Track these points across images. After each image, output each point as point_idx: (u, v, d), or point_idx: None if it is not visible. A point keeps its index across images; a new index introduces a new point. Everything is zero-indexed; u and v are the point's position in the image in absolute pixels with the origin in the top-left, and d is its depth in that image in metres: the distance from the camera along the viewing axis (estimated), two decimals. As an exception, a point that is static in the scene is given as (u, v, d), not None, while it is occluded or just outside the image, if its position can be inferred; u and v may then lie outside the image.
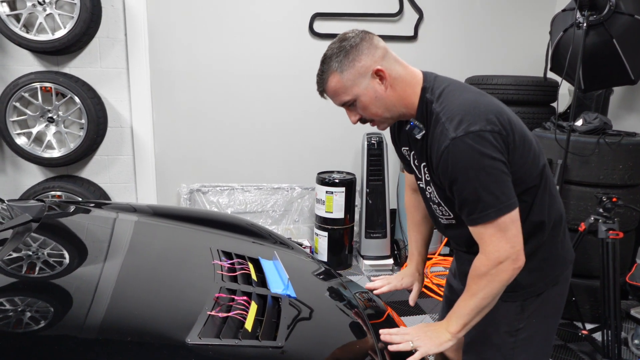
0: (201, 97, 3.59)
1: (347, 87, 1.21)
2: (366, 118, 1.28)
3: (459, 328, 1.23)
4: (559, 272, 1.36)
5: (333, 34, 3.61)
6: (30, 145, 3.16)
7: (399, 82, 1.23)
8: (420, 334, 1.24)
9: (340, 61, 1.19)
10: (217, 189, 3.72)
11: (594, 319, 2.76)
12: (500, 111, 1.18)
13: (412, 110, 1.25)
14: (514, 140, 1.18)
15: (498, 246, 1.16)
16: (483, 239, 1.18)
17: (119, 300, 1.14)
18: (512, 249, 1.17)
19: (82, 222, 1.74)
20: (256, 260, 1.48)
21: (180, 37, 3.46)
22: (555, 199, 1.35)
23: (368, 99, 1.22)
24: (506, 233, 1.16)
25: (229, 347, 1.00)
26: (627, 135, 2.66)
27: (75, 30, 2.99)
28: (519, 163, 1.20)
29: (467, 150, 1.12)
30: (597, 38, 2.56)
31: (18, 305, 1.08)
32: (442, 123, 1.16)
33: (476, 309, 1.22)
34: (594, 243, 2.52)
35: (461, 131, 1.12)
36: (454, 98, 1.19)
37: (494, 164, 1.13)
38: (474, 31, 3.90)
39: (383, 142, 3.57)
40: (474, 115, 1.14)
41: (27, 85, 3.02)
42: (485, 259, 1.18)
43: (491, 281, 1.19)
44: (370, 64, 1.19)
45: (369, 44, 1.20)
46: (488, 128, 1.13)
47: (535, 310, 1.34)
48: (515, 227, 1.17)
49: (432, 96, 1.22)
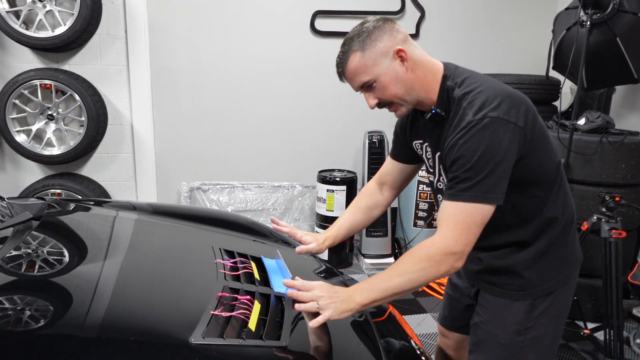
0: (202, 95, 3.57)
1: (368, 66, 1.19)
2: (385, 101, 1.25)
3: (367, 302, 1.15)
4: (570, 271, 1.36)
5: (334, 31, 3.60)
6: (30, 143, 3.15)
7: (420, 66, 1.22)
8: (326, 295, 1.15)
9: (362, 41, 1.19)
10: (217, 187, 3.71)
11: (596, 318, 2.75)
12: (522, 102, 1.17)
13: (432, 96, 1.24)
14: (533, 132, 1.17)
15: (458, 237, 1.13)
16: (448, 222, 1.15)
17: (120, 299, 1.13)
18: (465, 247, 1.14)
19: (82, 220, 1.73)
20: (258, 259, 1.47)
21: (181, 34, 3.45)
22: (569, 198, 1.34)
23: (388, 79, 1.20)
24: (471, 228, 1.14)
25: (233, 347, 0.99)
26: (630, 134, 2.65)
27: (75, 27, 2.97)
28: (537, 156, 1.20)
29: (481, 131, 1.11)
30: (601, 36, 2.54)
31: (18, 303, 1.06)
32: (463, 108, 1.16)
33: (394, 289, 1.15)
34: (596, 242, 2.50)
35: (480, 115, 1.12)
36: (477, 86, 1.18)
37: (501, 152, 1.11)
38: (475, 29, 3.88)
39: (384, 140, 3.56)
40: (496, 102, 1.13)
41: (27, 83, 3.00)
42: (439, 243, 1.14)
43: (428, 268, 1.14)
44: (391, 45, 1.19)
45: (391, 27, 1.21)
46: (506, 117, 1.12)
47: (545, 310, 1.33)
48: (480, 226, 1.15)
49: (454, 83, 1.21)
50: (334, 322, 1.30)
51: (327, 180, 3.45)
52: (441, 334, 1.73)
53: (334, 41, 3.63)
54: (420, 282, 1.16)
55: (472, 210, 1.13)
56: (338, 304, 1.14)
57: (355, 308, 1.15)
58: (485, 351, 1.39)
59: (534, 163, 1.20)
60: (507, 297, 1.34)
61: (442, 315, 1.71)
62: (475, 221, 1.14)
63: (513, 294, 1.32)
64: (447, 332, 1.69)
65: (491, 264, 1.36)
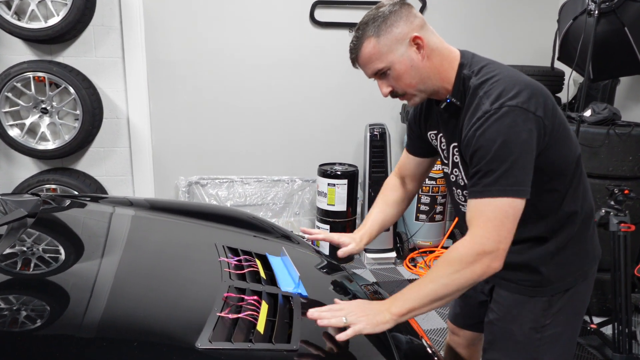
0: (199, 87, 3.50)
1: (383, 53, 1.14)
2: (398, 91, 1.20)
3: (403, 312, 1.08)
4: (588, 267, 1.31)
5: (334, 22, 3.53)
6: (24, 137, 3.08)
7: (437, 54, 1.17)
8: (357, 310, 1.09)
9: (378, 26, 1.13)
10: (216, 182, 3.65)
11: (602, 312, 2.72)
12: (541, 92, 1.12)
13: (447, 85, 1.19)
14: (553, 123, 1.12)
15: (490, 234, 1.06)
16: (477, 220, 1.08)
17: (120, 300, 1.08)
18: (499, 244, 1.06)
19: (79, 216, 1.68)
20: (263, 257, 1.42)
21: (178, 25, 3.37)
22: (588, 192, 1.30)
23: (403, 68, 1.15)
24: (503, 224, 1.07)
25: (242, 352, 0.93)
26: (637, 126, 2.60)
27: (68, 17, 2.89)
28: (557, 148, 1.15)
29: (499, 120, 1.05)
30: (608, 26, 2.49)
31: (13, 303, 1.01)
32: (479, 97, 1.11)
33: (430, 296, 1.08)
34: (602, 236, 2.46)
35: (497, 104, 1.06)
36: (494, 74, 1.13)
37: (521, 142, 1.06)
38: (478, 20, 3.82)
39: (386, 133, 3.50)
40: (514, 92, 1.07)
41: (20, 75, 2.93)
42: (469, 242, 1.08)
43: (462, 270, 1.06)
44: (408, 31, 1.14)
45: (408, 12, 1.15)
46: (525, 106, 1.06)
47: (563, 307, 1.28)
48: (513, 221, 1.08)
49: (470, 72, 1.16)
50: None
51: (328, 174, 3.39)
52: (451, 331, 1.69)
53: (334, 32, 3.56)
54: (456, 286, 1.08)
55: (503, 205, 1.06)
56: (371, 317, 1.07)
57: (392, 319, 1.08)
58: (501, 349, 1.34)
59: (554, 155, 1.15)
60: (523, 294, 1.30)
61: (452, 312, 1.67)
62: (508, 216, 1.07)
63: (530, 291, 1.28)
64: (457, 329, 1.65)
65: (507, 260, 1.30)
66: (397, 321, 1.08)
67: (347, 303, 1.13)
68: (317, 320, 1.06)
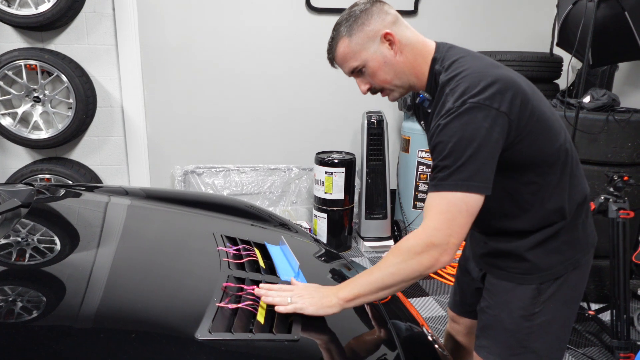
0: (194, 75, 3.45)
1: (356, 51, 1.18)
2: (375, 87, 1.24)
3: (350, 297, 1.08)
4: (580, 255, 1.29)
5: (331, 8, 3.48)
6: (16, 126, 3.03)
7: (410, 49, 1.19)
8: (304, 292, 1.09)
9: (350, 26, 1.17)
10: (212, 170, 3.62)
11: (599, 299, 2.74)
12: (510, 88, 1.08)
13: (422, 80, 1.21)
14: (521, 118, 1.09)
15: (441, 227, 1.06)
16: (430, 212, 1.08)
17: (117, 291, 1.05)
18: (450, 238, 1.06)
19: (73, 206, 1.65)
20: (262, 246, 1.40)
21: (172, 11, 3.31)
22: (579, 180, 1.27)
23: (377, 64, 1.18)
24: (455, 218, 1.06)
25: (242, 342, 0.92)
26: (636, 112, 2.59)
27: (60, 4, 2.83)
28: (531, 142, 1.13)
29: (458, 117, 1.05)
30: (608, 11, 2.46)
31: (9, 294, 0.99)
32: (445, 94, 1.11)
33: (377, 284, 1.08)
34: (600, 222, 2.46)
35: (459, 102, 1.06)
36: (462, 70, 1.11)
37: (480, 138, 1.04)
38: (476, 6, 3.77)
39: (383, 120, 3.47)
40: (478, 89, 1.06)
41: (11, 63, 2.87)
42: (420, 234, 1.08)
43: (409, 260, 1.07)
44: (379, 28, 1.17)
45: (379, 10, 1.18)
46: (487, 103, 1.05)
47: (552, 295, 1.27)
48: (466, 216, 1.07)
49: (442, 67, 1.16)
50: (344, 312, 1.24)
51: (325, 162, 3.37)
52: (451, 319, 1.69)
53: (330, 18, 3.51)
54: (402, 276, 1.08)
55: (455, 200, 1.06)
56: (317, 299, 1.07)
57: (339, 303, 1.08)
58: (491, 336, 1.34)
59: (528, 149, 1.13)
60: (512, 281, 1.29)
61: (452, 300, 1.66)
62: (460, 211, 1.06)
63: (518, 278, 1.28)
64: (457, 317, 1.65)
65: (495, 247, 1.31)
66: (343, 306, 1.08)
67: (298, 285, 1.14)
68: (262, 297, 1.07)
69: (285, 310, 1.04)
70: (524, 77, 1.19)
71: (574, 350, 2.38)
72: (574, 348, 2.40)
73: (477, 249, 1.39)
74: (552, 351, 1.32)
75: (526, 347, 1.29)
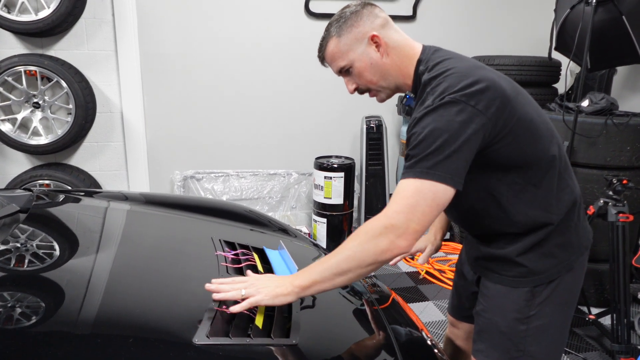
0: (194, 80, 3.46)
1: (344, 52, 1.22)
2: (362, 87, 1.28)
3: (306, 284, 1.04)
4: (574, 258, 1.28)
5: (330, 13, 3.49)
6: (16, 132, 3.03)
7: (396, 51, 1.22)
8: (258, 282, 1.05)
9: (340, 26, 1.22)
10: (211, 176, 3.62)
11: (599, 303, 2.73)
12: (490, 89, 1.08)
13: (408, 81, 1.24)
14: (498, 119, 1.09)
15: (402, 210, 1.04)
16: (395, 197, 1.08)
17: (115, 296, 1.05)
18: (410, 222, 1.03)
19: (73, 212, 1.65)
20: (261, 250, 1.40)
21: (171, 17, 3.32)
22: (567, 184, 1.26)
23: (363, 65, 1.22)
24: (418, 204, 1.04)
25: (240, 347, 0.92)
26: (634, 115, 2.59)
27: (59, 10, 2.84)
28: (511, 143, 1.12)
29: (434, 110, 1.07)
30: (606, 15, 2.47)
31: (7, 300, 0.99)
32: (426, 93, 1.13)
33: (332, 269, 1.05)
34: (600, 226, 2.46)
35: (438, 100, 1.07)
36: (445, 70, 1.13)
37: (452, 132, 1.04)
38: (474, 10, 3.79)
39: (382, 125, 3.48)
40: (458, 86, 1.07)
41: (11, 69, 2.88)
42: (380, 216, 1.07)
43: (366, 243, 1.04)
44: (367, 30, 1.20)
45: (369, 12, 1.22)
46: (463, 99, 1.05)
47: (548, 298, 1.26)
48: (431, 205, 1.05)
49: (425, 68, 1.18)
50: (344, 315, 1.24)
51: (325, 167, 3.37)
52: (451, 324, 1.69)
53: (329, 24, 3.52)
54: (359, 260, 1.04)
55: (422, 187, 1.04)
56: (271, 289, 1.03)
57: (294, 291, 1.04)
58: (487, 340, 1.33)
59: (508, 149, 1.13)
60: (506, 284, 1.28)
61: (451, 304, 1.66)
62: (425, 198, 1.04)
63: (511, 281, 1.27)
64: (456, 322, 1.65)
65: (487, 251, 1.31)
66: (299, 294, 1.04)
67: (251, 276, 1.10)
68: (213, 294, 1.03)
69: (240, 308, 1.00)
70: (510, 79, 1.19)
71: (574, 354, 2.37)
72: (574, 352, 2.39)
73: (472, 253, 1.40)
74: (549, 355, 1.31)
75: (523, 351, 1.28)
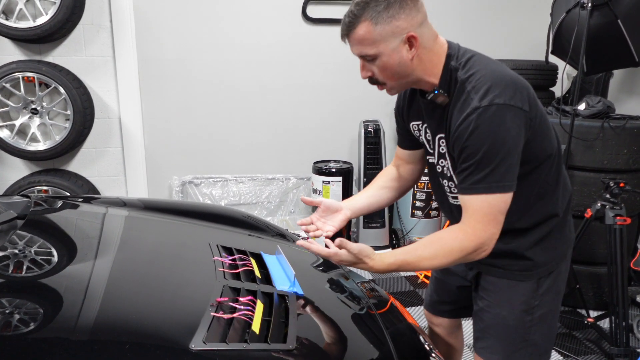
0: (191, 86, 3.47)
1: (376, 41, 1.12)
2: (378, 79, 1.20)
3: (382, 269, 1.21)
4: (567, 248, 1.38)
5: (327, 19, 3.51)
6: (14, 138, 3.03)
7: (427, 52, 1.17)
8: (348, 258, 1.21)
9: (379, 12, 1.09)
10: (209, 181, 3.62)
11: (598, 306, 2.73)
12: (524, 86, 1.15)
13: (432, 78, 1.19)
14: (535, 117, 1.15)
15: (487, 228, 1.14)
16: (475, 215, 1.14)
17: (113, 302, 1.05)
18: (493, 236, 1.15)
19: (71, 218, 1.65)
20: (258, 256, 1.40)
21: (169, 23, 3.33)
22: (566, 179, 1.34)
23: (390, 62, 1.15)
24: (497, 218, 1.14)
25: (237, 352, 0.91)
26: (631, 118, 2.60)
27: (57, 16, 2.85)
28: (538, 140, 1.18)
29: (489, 119, 1.08)
30: (601, 19, 2.48)
31: (5, 307, 0.99)
32: (467, 92, 1.12)
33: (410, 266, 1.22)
34: (598, 229, 2.47)
35: (486, 101, 1.08)
36: (481, 67, 1.14)
37: (510, 139, 1.09)
38: (471, 13, 3.80)
39: (380, 129, 3.49)
40: (501, 88, 1.09)
41: (9, 75, 2.88)
42: (471, 234, 1.15)
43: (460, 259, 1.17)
44: (406, 27, 1.12)
45: (413, 5, 1.12)
46: (512, 103, 1.09)
47: (549, 287, 1.33)
48: (504, 214, 1.15)
49: (458, 64, 1.17)
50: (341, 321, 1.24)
51: (323, 171, 3.38)
52: (429, 322, 1.72)
53: (326, 28, 3.53)
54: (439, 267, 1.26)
55: (495, 201, 1.13)
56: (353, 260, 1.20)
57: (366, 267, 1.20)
58: (494, 335, 1.36)
59: (536, 146, 1.18)
60: (512, 278, 1.32)
61: (428, 300, 1.69)
62: (500, 211, 1.14)
63: (518, 275, 1.31)
64: (434, 317, 1.68)
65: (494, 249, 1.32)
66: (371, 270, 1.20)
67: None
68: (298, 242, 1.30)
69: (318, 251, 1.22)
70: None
71: (573, 358, 2.37)
72: (573, 356, 2.38)
73: None
74: (547, 341, 1.38)
75: (527, 341, 1.33)
